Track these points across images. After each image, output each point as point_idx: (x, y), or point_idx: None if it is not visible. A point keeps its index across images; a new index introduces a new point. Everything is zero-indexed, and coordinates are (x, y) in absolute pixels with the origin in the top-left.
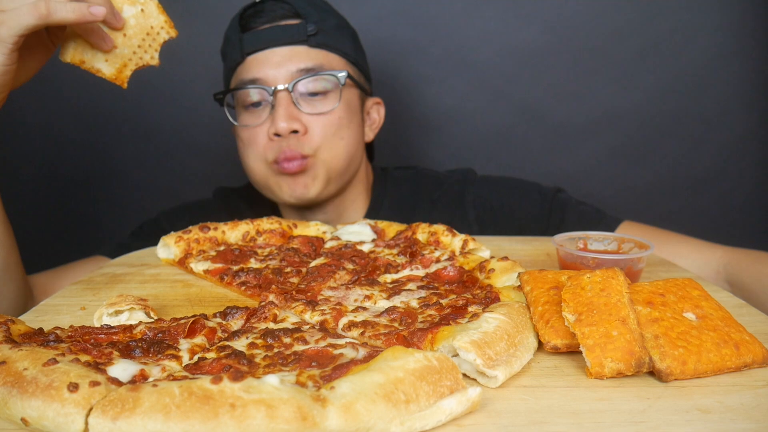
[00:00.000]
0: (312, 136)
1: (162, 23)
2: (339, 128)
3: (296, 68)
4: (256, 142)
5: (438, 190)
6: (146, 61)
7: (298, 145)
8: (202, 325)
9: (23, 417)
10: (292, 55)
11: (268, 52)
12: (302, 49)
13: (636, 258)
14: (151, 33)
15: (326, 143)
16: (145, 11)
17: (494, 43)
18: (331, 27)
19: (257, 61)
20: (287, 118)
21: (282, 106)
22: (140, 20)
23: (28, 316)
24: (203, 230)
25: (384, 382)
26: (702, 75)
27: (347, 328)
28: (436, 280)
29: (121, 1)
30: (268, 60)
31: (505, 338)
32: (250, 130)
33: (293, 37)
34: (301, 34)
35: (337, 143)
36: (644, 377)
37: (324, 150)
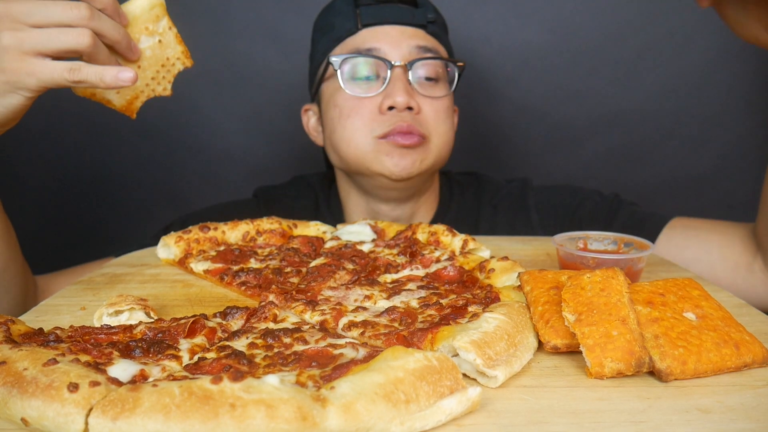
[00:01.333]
0: (425, 118)
1: (179, 54)
2: (448, 117)
3: (415, 45)
4: (360, 114)
5: (497, 195)
6: (158, 92)
7: (413, 121)
8: (202, 325)
9: (23, 417)
10: (412, 34)
11: (387, 27)
12: (420, 32)
13: (636, 258)
14: (167, 64)
15: (438, 128)
16: (163, 42)
17: (494, 43)
18: (442, 23)
19: (374, 33)
20: (405, 93)
21: (400, 80)
22: (156, 51)
23: (28, 316)
24: (203, 230)
25: (384, 382)
26: (702, 75)
27: (347, 328)
28: (436, 280)
29: (138, 32)
30: (387, 34)
31: (505, 338)
32: (356, 100)
33: (414, 19)
34: (421, 18)
35: (447, 131)
36: (644, 377)
37: (436, 135)
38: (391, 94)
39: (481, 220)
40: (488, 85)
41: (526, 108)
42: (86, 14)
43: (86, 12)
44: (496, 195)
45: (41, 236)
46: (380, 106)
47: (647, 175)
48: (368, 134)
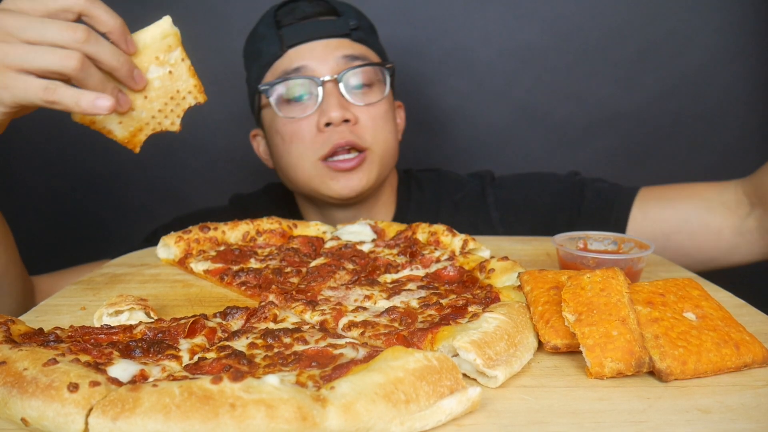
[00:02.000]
0: (364, 126)
1: (191, 87)
2: (386, 121)
3: (341, 55)
4: (301, 137)
5: (460, 192)
6: (165, 126)
7: (351, 135)
8: (202, 325)
9: (23, 417)
10: (337, 46)
11: (311, 43)
12: (345, 41)
13: (636, 258)
14: (176, 97)
15: (378, 134)
16: (174, 74)
17: (494, 43)
18: (367, 26)
19: (300, 52)
20: (339, 107)
21: (332, 95)
22: (166, 83)
23: (28, 316)
24: (203, 230)
25: (384, 382)
26: (702, 75)
27: (347, 328)
28: (436, 280)
29: (147, 60)
30: (312, 50)
31: (505, 338)
32: (294, 123)
33: (336, 30)
34: (343, 27)
35: (387, 135)
36: (644, 377)
37: (377, 142)
38: (326, 110)
39: (440, 217)
40: (488, 85)
41: (526, 108)
42: (81, 37)
43: (82, 35)
44: (458, 192)
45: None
46: (318, 124)
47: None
48: (312, 157)
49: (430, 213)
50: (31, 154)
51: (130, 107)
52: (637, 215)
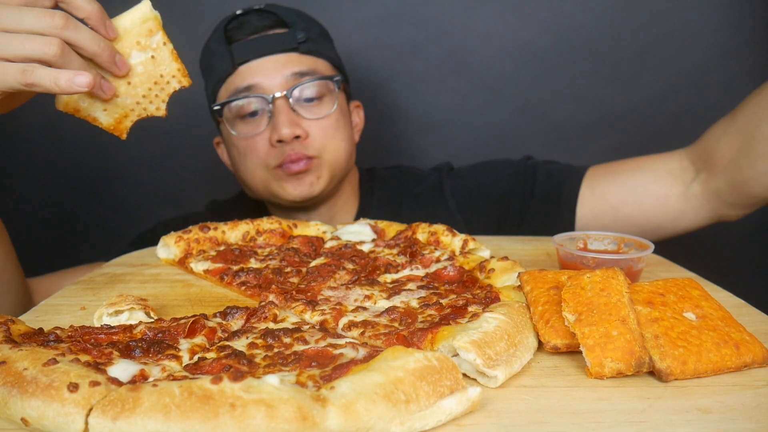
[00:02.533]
0: (314, 139)
1: (174, 71)
2: (337, 130)
3: (290, 73)
4: (255, 150)
5: (420, 185)
6: (151, 111)
7: (302, 148)
8: (202, 325)
9: (23, 417)
10: (286, 62)
11: (261, 60)
12: (294, 56)
13: (636, 258)
14: (160, 82)
15: (328, 145)
16: (156, 58)
17: (494, 43)
18: (316, 34)
19: (250, 69)
20: (289, 124)
21: (282, 112)
22: (149, 68)
23: (28, 316)
24: (203, 230)
25: (384, 382)
26: (702, 75)
27: (347, 328)
28: (436, 280)
29: (129, 46)
30: (262, 67)
31: (505, 338)
32: (248, 139)
33: (284, 45)
34: (291, 41)
35: (338, 144)
36: (644, 377)
37: (327, 151)
38: (277, 127)
39: (402, 211)
40: (488, 85)
41: (526, 108)
42: (59, 23)
43: (60, 21)
44: (418, 185)
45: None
46: (270, 140)
47: None
48: (263, 168)
49: (393, 207)
50: (31, 155)
51: (113, 94)
52: (585, 192)
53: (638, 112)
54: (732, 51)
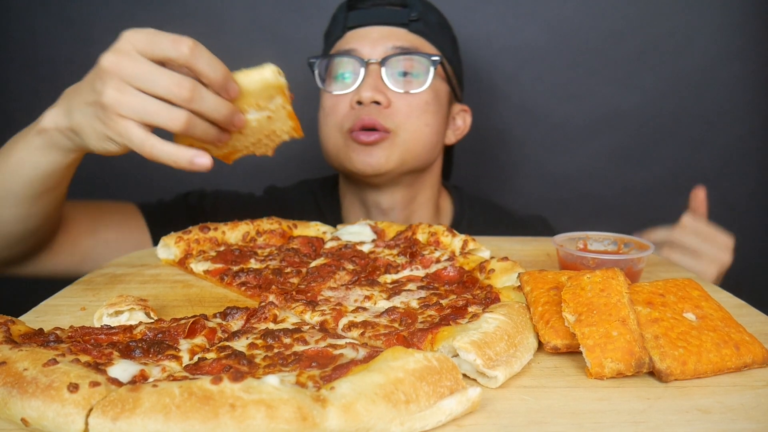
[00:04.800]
0: (395, 111)
1: (288, 128)
2: (424, 113)
3: (392, 45)
4: (336, 111)
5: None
6: (259, 152)
7: (378, 116)
8: (202, 326)
9: (23, 417)
10: (390, 34)
11: (368, 28)
12: (402, 31)
13: (636, 258)
14: (272, 135)
15: (409, 122)
16: (272, 117)
17: (494, 43)
18: (433, 22)
19: (356, 35)
20: (372, 89)
21: (370, 77)
22: (263, 123)
23: (28, 316)
24: (203, 230)
25: (384, 383)
26: (702, 75)
27: (347, 328)
28: (436, 280)
29: (247, 104)
30: (367, 35)
31: (505, 338)
32: (334, 98)
33: (395, 19)
34: (403, 16)
35: (421, 127)
36: (644, 377)
37: (405, 129)
38: (360, 89)
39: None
40: (488, 85)
41: (526, 108)
42: (186, 96)
43: (186, 93)
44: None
45: None
46: (351, 102)
47: (647, 175)
48: (338, 130)
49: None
50: None
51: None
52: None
53: (638, 112)
54: (732, 51)
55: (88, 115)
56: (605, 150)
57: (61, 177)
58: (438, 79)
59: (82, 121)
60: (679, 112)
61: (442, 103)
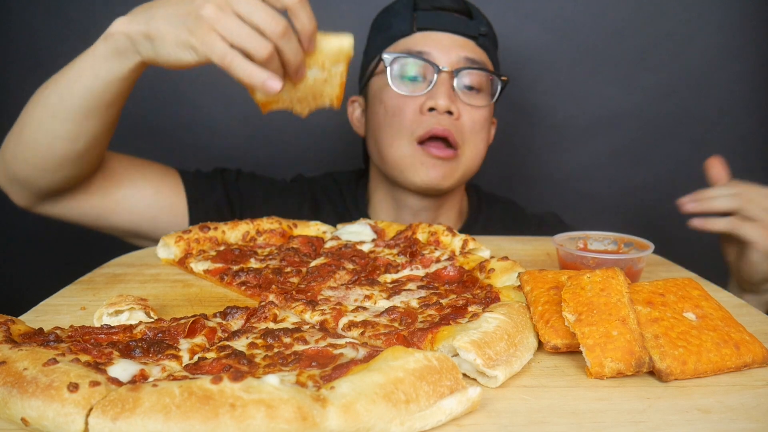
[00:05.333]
0: (463, 124)
1: (334, 96)
2: (483, 127)
3: (464, 56)
4: (403, 114)
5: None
6: (296, 110)
7: (451, 126)
8: (202, 325)
9: (23, 417)
10: (463, 45)
11: (441, 33)
12: (471, 43)
13: (636, 258)
14: (318, 96)
15: (473, 137)
16: (328, 81)
17: None
18: (492, 37)
19: (428, 38)
20: (448, 97)
21: (444, 84)
22: (318, 84)
23: (28, 316)
24: (203, 230)
25: (384, 382)
26: (702, 75)
27: (347, 328)
28: (436, 280)
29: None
30: (440, 40)
31: (505, 338)
32: (401, 99)
33: (467, 30)
34: (474, 29)
35: (480, 142)
36: (644, 377)
37: (469, 145)
38: (434, 96)
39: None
40: None
41: (526, 108)
42: (279, 31)
43: (280, 30)
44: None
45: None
46: (422, 107)
47: (648, 175)
48: (409, 135)
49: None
50: None
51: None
52: None
53: (638, 112)
54: (732, 51)
55: (175, 23)
56: (605, 150)
57: (117, 91)
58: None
59: (163, 28)
60: (679, 112)
61: (491, 119)
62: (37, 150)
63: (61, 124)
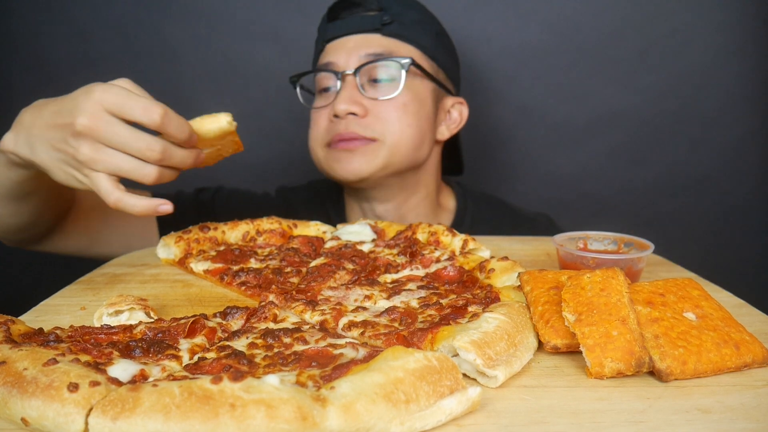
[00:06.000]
0: (373, 119)
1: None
2: (404, 114)
3: (365, 53)
4: (318, 124)
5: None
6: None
7: (357, 127)
8: (202, 325)
9: (23, 417)
10: (364, 42)
11: (343, 39)
12: (375, 37)
13: (636, 258)
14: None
15: (390, 127)
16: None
17: (494, 43)
18: (412, 21)
19: (333, 47)
20: (347, 101)
21: (346, 89)
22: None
23: (28, 316)
24: (203, 230)
25: (384, 382)
26: (702, 75)
27: (347, 328)
28: (436, 280)
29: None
30: (343, 46)
31: (505, 338)
32: (316, 112)
33: (367, 25)
34: (375, 22)
35: (404, 129)
36: (644, 377)
37: (389, 134)
38: (335, 103)
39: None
40: (488, 85)
41: (526, 108)
42: (157, 156)
43: (157, 155)
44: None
45: None
46: (329, 115)
47: (647, 175)
48: (320, 144)
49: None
50: None
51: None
52: None
53: (638, 112)
54: (732, 51)
55: (56, 158)
56: (605, 150)
57: (36, 185)
58: (416, 79)
59: (48, 162)
60: (679, 112)
61: (424, 101)
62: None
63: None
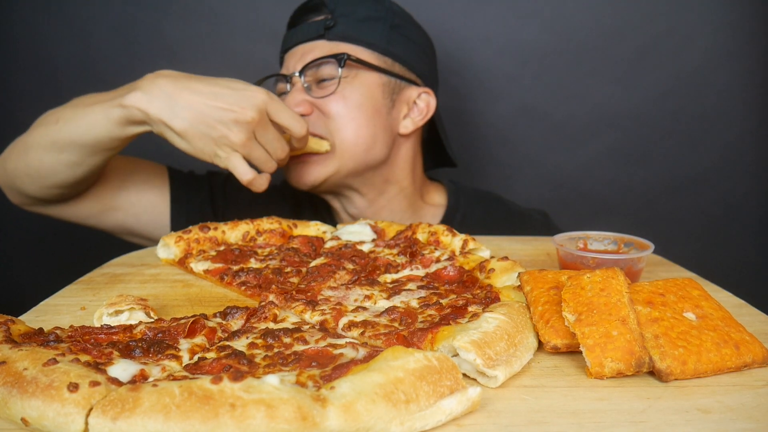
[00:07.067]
0: (317, 117)
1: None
2: (349, 109)
3: (310, 57)
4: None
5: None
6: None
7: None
8: (202, 325)
9: (23, 417)
10: (311, 49)
11: (295, 49)
12: (321, 43)
13: (636, 258)
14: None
15: (338, 122)
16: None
17: (494, 43)
18: (359, 18)
19: (287, 57)
20: (292, 102)
21: (291, 93)
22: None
23: (28, 316)
24: (203, 230)
25: (384, 382)
26: (702, 75)
27: (347, 328)
28: (436, 280)
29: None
30: (294, 55)
31: (505, 338)
32: None
33: (312, 33)
34: (318, 29)
35: (348, 123)
36: (644, 377)
37: (339, 132)
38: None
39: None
40: (488, 85)
41: (526, 108)
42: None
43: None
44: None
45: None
46: None
47: (647, 175)
48: None
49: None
50: None
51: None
52: None
53: (638, 111)
54: (731, 51)
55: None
56: (605, 150)
57: (121, 144)
58: (361, 73)
59: (188, 128)
60: (679, 112)
61: (374, 94)
62: (41, 171)
63: (68, 156)
